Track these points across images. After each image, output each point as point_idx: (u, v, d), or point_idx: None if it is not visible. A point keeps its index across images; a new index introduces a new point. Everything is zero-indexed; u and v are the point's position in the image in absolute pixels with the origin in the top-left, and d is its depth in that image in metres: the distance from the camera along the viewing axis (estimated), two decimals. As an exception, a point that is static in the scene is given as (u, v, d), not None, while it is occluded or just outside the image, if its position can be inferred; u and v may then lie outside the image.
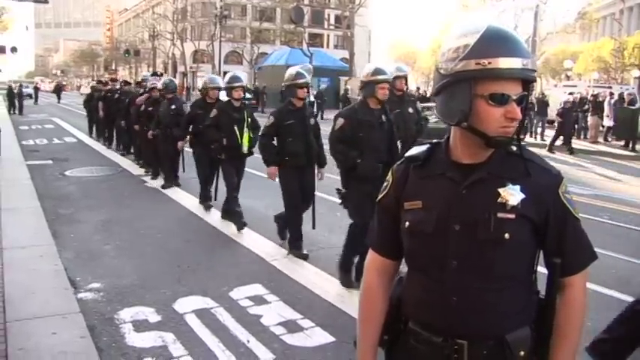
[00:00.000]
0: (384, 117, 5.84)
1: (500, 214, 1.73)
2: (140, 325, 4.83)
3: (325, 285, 5.81)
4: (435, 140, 1.92)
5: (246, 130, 7.94)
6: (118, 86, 17.99)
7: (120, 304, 5.26)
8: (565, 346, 1.82)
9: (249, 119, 8.07)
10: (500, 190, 1.74)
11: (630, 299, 5.54)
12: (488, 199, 1.75)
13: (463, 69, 1.70)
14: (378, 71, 5.77)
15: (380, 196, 2.00)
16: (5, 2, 34.37)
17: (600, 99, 22.61)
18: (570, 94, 23.28)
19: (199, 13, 75.09)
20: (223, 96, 8.87)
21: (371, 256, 2.05)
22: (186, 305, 5.24)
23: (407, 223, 1.87)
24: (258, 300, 5.39)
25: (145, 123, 11.60)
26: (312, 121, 6.94)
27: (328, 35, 75.65)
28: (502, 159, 1.79)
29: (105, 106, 16.86)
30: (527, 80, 1.73)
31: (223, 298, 5.40)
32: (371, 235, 2.06)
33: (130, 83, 18.51)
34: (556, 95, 27.38)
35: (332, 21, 58.42)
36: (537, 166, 1.80)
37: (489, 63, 1.66)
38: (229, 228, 7.97)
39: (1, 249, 6.51)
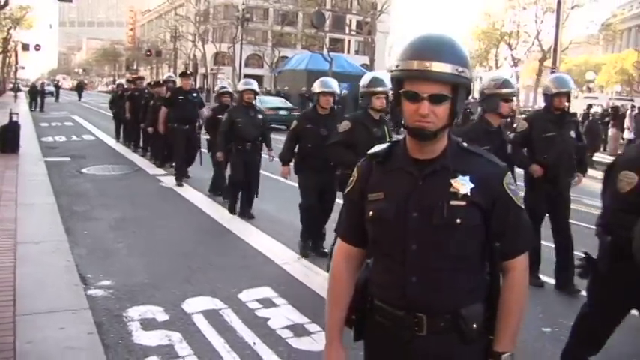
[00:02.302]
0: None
1: (452, 202, 1.96)
2: (148, 324, 4.84)
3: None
4: (394, 139, 2.18)
5: None
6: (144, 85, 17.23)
7: (129, 302, 5.29)
8: (508, 322, 2.05)
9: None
10: (452, 181, 1.97)
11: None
12: (442, 189, 1.97)
13: (390, 69, 2.01)
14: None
15: (347, 190, 2.22)
16: (30, 1, 34.94)
17: (621, 111, 22.40)
18: (589, 105, 23.12)
19: (221, 16, 75.42)
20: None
21: (339, 243, 2.27)
22: (195, 305, 5.25)
23: (371, 213, 2.08)
24: (267, 303, 5.39)
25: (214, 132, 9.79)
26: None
27: (349, 41, 75.66)
28: (454, 154, 2.01)
29: (131, 106, 15.85)
30: (452, 82, 1.92)
31: (232, 300, 5.41)
32: (339, 224, 2.28)
33: (159, 84, 17.49)
34: (577, 106, 27.24)
35: (353, 26, 58.33)
36: (485, 160, 2.05)
37: (397, 65, 1.96)
38: (241, 230, 7.99)
39: (16, 243, 6.57)
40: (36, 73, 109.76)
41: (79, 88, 56.22)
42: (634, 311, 5.20)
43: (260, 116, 8.80)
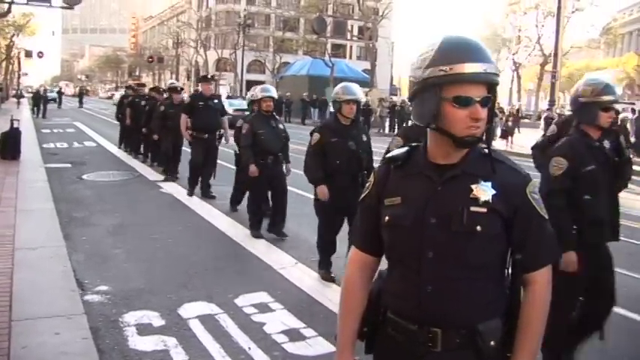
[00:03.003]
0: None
1: (472, 208, 1.87)
2: (144, 329, 4.84)
3: (331, 295, 5.77)
4: (414, 143, 2.07)
5: None
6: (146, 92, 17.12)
7: (125, 308, 5.29)
8: (528, 339, 1.93)
9: None
10: (473, 187, 1.89)
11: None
12: (462, 195, 1.89)
13: (429, 75, 1.86)
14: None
15: (363, 196, 2.14)
16: (33, 8, 35.00)
17: (622, 116, 22.26)
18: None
19: (223, 22, 75.63)
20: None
21: (353, 252, 2.18)
22: (191, 310, 5.25)
23: (387, 218, 2.00)
24: (263, 308, 5.38)
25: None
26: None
27: (351, 46, 75.77)
28: (475, 160, 1.93)
29: (132, 112, 15.99)
30: (491, 83, 1.88)
31: (228, 305, 5.41)
32: (354, 232, 2.22)
33: (176, 90, 17.15)
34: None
35: (355, 32, 58.46)
36: (507, 167, 1.95)
37: (451, 69, 1.83)
38: (239, 235, 8.00)
39: (14, 249, 6.58)
40: (39, 80, 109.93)
41: (81, 95, 56.38)
42: (633, 315, 5.23)
43: (281, 126, 8.09)
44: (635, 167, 5.47)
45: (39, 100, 37.80)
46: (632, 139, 21.50)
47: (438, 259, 1.89)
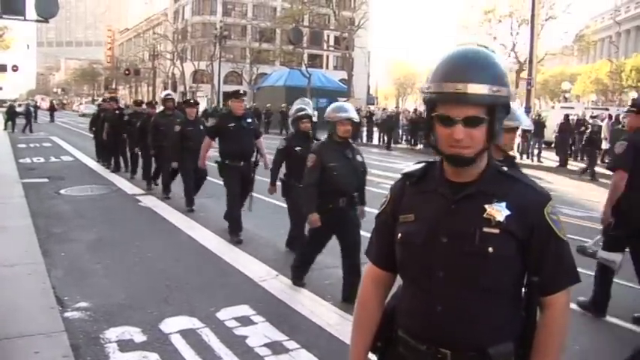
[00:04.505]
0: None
1: (485, 229, 1.82)
2: (125, 345, 4.81)
3: (313, 307, 5.79)
4: (431, 159, 2.04)
5: None
6: (124, 105, 17.43)
7: (106, 324, 5.24)
8: None
9: None
10: (487, 206, 1.84)
11: (628, 325, 5.56)
12: (475, 214, 1.84)
13: (423, 92, 1.89)
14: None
15: (379, 212, 2.13)
16: (7, 21, 34.65)
17: (599, 122, 22.47)
18: (567, 115, 23.33)
19: (199, 34, 75.57)
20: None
21: (368, 267, 2.16)
22: (173, 325, 5.22)
23: (399, 235, 1.98)
24: (245, 321, 5.37)
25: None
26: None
27: (328, 56, 76.04)
28: (492, 178, 1.90)
29: (110, 127, 15.80)
30: (491, 104, 1.80)
31: (210, 319, 5.39)
32: (369, 248, 2.17)
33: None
34: (554, 117, 27.51)
35: (331, 42, 58.71)
36: (525, 186, 1.90)
37: (428, 87, 1.84)
38: (219, 248, 7.98)
39: (-9, 267, 6.51)
40: (14, 94, 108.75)
41: (52, 109, 55.55)
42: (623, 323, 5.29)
43: (360, 158, 6.31)
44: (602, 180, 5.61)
45: (13, 115, 37.34)
46: (608, 146, 21.72)
47: (448, 279, 1.86)
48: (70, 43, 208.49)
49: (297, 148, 7.29)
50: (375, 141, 31.42)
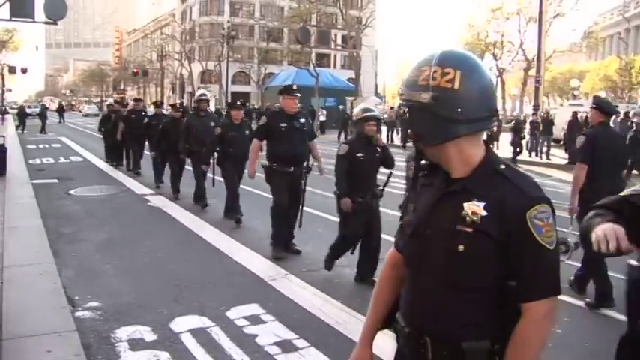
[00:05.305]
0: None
1: (458, 227, 1.86)
2: (136, 344, 4.84)
3: (322, 305, 5.80)
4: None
5: None
6: (143, 106, 17.10)
7: (117, 323, 5.28)
8: None
9: None
10: (465, 205, 1.86)
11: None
12: (454, 211, 1.88)
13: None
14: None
15: (404, 199, 2.26)
16: (16, 23, 34.90)
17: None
18: (575, 113, 23.23)
19: (207, 34, 75.69)
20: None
21: (391, 250, 2.24)
22: (183, 324, 5.25)
23: (400, 223, 2.14)
24: (255, 319, 5.39)
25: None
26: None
27: (335, 55, 75.98)
28: (482, 176, 1.90)
29: (126, 129, 15.67)
30: None
31: (220, 318, 5.41)
32: (397, 233, 2.23)
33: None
34: (562, 114, 27.40)
35: (339, 41, 58.63)
36: (514, 187, 1.85)
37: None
38: (229, 247, 8.00)
39: (2, 267, 6.56)
40: (23, 96, 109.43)
41: (61, 110, 55.68)
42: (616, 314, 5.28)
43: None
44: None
45: (24, 117, 37.67)
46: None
47: (427, 271, 1.93)
48: (79, 45, 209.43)
49: (359, 155, 6.47)
50: (384, 139, 31.22)
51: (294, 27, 47.16)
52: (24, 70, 62.86)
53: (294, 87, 7.96)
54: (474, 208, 1.84)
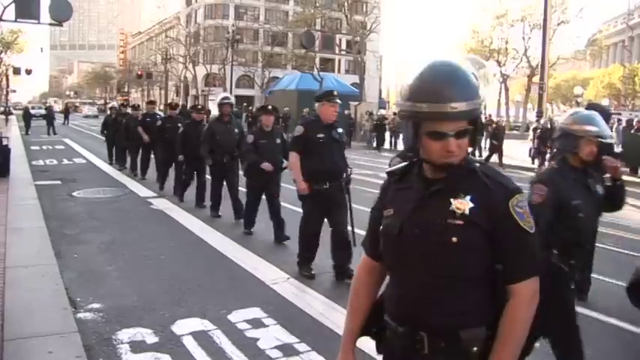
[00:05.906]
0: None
1: (449, 220, 1.98)
2: (137, 347, 4.84)
3: (324, 309, 5.80)
4: (415, 159, 2.17)
5: None
6: (157, 109, 16.55)
7: (119, 325, 5.28)
8: (502, 351, 1.98)
9: None
10: (452, 200, 2.00)
11: (632, 328, 5.53)
12: (442, 207, 2.01)
13: (407, 109, 2.00)
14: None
15: (372, 207, 2.31)
16: (21, 25, 35.00)
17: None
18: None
19: (212, 37, 75.85)
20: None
21: (363, 257, 2.36)
22: (185, 327, 5.25)
23: (381, 227, 2.18)
24: (256, 323, 5.39)
25: None
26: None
27: (339, 60, 76.16)
28: (461, 174, 2.04)
29: (145, 131, 14.57)
30: (474, 116, 1.99)
31: (221, 321, 5.41)
32: (364, 240, 2.37)
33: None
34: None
35: (343, 46, 58.75)
36: (492, 180, 2.03)
37: (411, 105, 1.98)
38: (231, 251, 8.01)
39: (4, 268, 6.56)
40: (27, 97, 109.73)
41: (66, 112, 55.76)
42: (624, 324, 5.27)
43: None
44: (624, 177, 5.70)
45: (29, 119, 37.83)
46: (619, 149, 21.61)
47: (420, 267, 2.02)
48: (83, 46, 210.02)
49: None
50: (387, 145, 31.02)
51: (299, 31, 47.33)
52: (28, 72, 63.06)
53: (335, 93, 7.13)
54: (462, 201, 1.99)
